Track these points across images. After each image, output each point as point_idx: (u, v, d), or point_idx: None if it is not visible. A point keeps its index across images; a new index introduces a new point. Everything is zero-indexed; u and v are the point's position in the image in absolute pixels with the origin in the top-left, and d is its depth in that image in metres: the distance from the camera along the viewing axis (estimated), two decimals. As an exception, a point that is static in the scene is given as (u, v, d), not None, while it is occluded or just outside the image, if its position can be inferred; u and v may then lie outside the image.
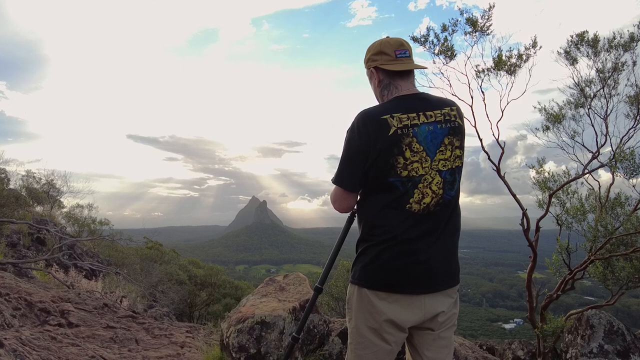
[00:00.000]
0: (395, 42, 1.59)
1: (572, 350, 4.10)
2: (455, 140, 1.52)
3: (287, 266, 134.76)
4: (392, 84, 1.59)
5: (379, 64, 1.59)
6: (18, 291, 3.88)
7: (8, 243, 6.92)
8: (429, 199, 1.48)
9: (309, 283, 3.46)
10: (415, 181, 1.46)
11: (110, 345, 3.41)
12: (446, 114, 1.52)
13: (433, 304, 1.51)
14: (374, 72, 1.61)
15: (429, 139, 1.48)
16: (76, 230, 11.10)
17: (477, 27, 4.57)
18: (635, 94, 4.48)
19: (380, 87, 1.62)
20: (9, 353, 2.32)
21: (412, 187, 1.47)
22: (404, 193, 1.47)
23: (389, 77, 1.59)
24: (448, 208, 1.52)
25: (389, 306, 1.49)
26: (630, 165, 4.09)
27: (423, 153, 1.47)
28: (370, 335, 1.53)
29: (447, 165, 1.50)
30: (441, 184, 1.49)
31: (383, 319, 1.50)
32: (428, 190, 1.47)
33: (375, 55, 1.61)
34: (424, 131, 1.48)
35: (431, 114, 1.51)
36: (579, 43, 4.67)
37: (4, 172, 11.33)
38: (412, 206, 1.47)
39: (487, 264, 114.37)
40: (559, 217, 4.69)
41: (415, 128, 1.47)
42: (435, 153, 1.48)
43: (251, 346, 2.76)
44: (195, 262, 14.86)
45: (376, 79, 1.62)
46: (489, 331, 45.13)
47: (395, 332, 1.53)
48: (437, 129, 1.50)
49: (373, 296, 1.51)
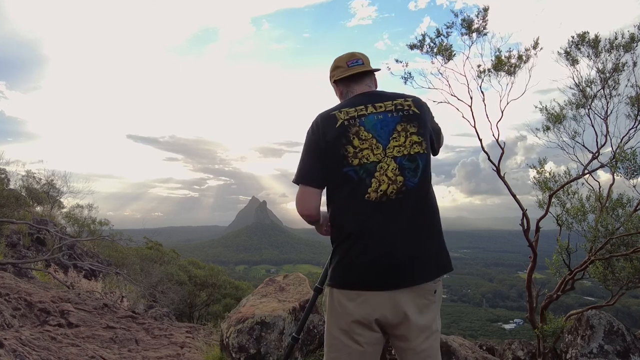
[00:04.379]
0: (346, 55, 1.75)
1: (572, 351, 4.10)
2: (410, 127, 1.54)
3: (287, 266, 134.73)
4: (349, 90, 1.71)
5: (336, 77, 1.73)
6: (18, 291, 3.88)
7: (8, 243, 6.91)
8: (385, 186, 1.48)
9: (309, 283, 3.46)
10: (368, 169, 1.49)
11: (110, 346, 3.40)
12: (398, 104, 1.58)
13: (402, 302, 1.46)
14: (335, 86, 1.78)
15: (378, 126, 1.53)
16: (76, 231, 11.09)
17: (472, 28, 4.56)
18: (635, 95, 4.48)
19: (342, 97, 1.75)
20: (9, 353, 2.32)
21: (366, 176, 1.49)
22: (358, 182, 1.49)
23: (346, 85, 1.73)
24: (413, 196, 1.50)
25: (357, 307, 1.47)
26: (630, 166, 4.08)
27: (373, 140, 1.51)
28: (342, 336, 1.51)
29: (402, 152, 1.52)
30: (397, 170, 1.50)
31: (351, 319, 1.48)
32: (384, 178, 1.49)
33: (333, 71, 1.76)
34: (372, 120, 1.54)
35: (380, 104, 1.58)
36: (579, 43, 4.67)
37: (4, 173, 11.33)
38: (370, 195, 1.48)
39: (487, 264, 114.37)
40: (559, 217, 4.68)
41: (362, 118, 1.54)
42: (388, 140, 1.52)
43: (251, 346, 2.76)
44: (195, 262, 14.85)
45: (338, 92, 1.77)
46: (489, 331, 45.13)
47: (365, 332, 1.50)
48: (388, 117, 1.55)
49: (342, 297, 1.50)
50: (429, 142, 1.60)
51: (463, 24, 4.58)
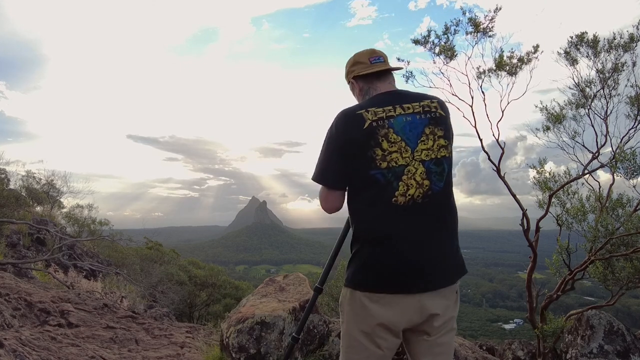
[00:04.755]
0: (367, 51, 1.69)
1: (572, 351, 4.10)
2: (438, 130, 1.52)
3: (287, 266, 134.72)
4: (371, 87, 1.65)
5: (356, 73, 1.67)
6: (18, 291, 3.88)
7: (8, 243, 6.91)
8: (413, 190, 1.46)
9: (309, 283, 3.46)
10: (396, 172, 1.45)
11: (110, 346, 3.40)
12: (425, 106, 1.54)
13: (428, 304, 1.47)
14: (354, 83, 1.69)
15: (407, 129, 1.49)
16: (76, 231, 11.09)
17: (479, 28, 4.56)
18: (635, 95, 4.48)
19: (362, 94, 1.68)
20: (9, 353, 2.32)
21: (394, 179, 1.45)
22: (386, 185, 1.45)
23: (367, 82, 1.66)
24: (439, 200, 1.50)
25: (382, 309, 1.45)
26: (630, 166, 4.08)
27: (402, 143, 1.47)
28: (363, 339, 1.50)
29: (430, 155, 1.49)
30: (425, 174, 1.47)
31: (376, 322, 1.47)
32: (412, 182, 1.46)
33: (352, 66, 1.70)
34: (400, 122, 1.49)
35: (408, 106, 1.53)
36: (578, 44, 4.67)
37: (4, 173, 11.33)
38: (398, 199, 1.45)
39: (487, 264, 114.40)
40: (559, 217, 4.69)
41: (391, 119, 1.49)
42: (416, 143, 1.48)
43: (251, 346, 2.76)
44: (195, 262, 14.84)
45: (357, 88, 1.69)
46: (489, 331, 45.13)
47: (389, 337, 1.49)
48: (416, 119, 1.51)
49: (365, 299, 1.47)
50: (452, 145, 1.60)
51: (470, 22, 4.58)
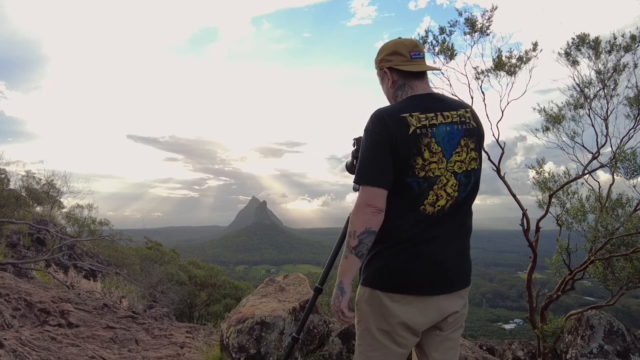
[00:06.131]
0: (409, 42, 1.58)
1: (572, 351, 4.10)
2: (470, 142, 1.50)
3: (287, 266, 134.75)
4: (407, 84, 1.57)
5: (394, 65, 1.56)
6: (18, 291, 3.88)
7: (8, 243, 6.91)
8: (443, 202, 1.45)
9: (309, 283, 3.46)
10: (430, 182, 1.44)
11: (110, 346, 3.40)
12: (461, 115, 1.51)
13: (447, 305, 1.51)
14: (388, 73, 1.59)
15: (446, 139, 1.46)
16: (76, 231, 11.09)
17: (475, 27, 4.56)
18: (635, 95, 4.48)
19: (394, 88, 1.59)
20: (9, 353, 2.32)
21: (427, 188, 1.44)
22: (419, 194, 1.44)
23: (403, 77, 1.57)
24: (461, 208, 1.51)
25: (402, 308, 1.47)
26: (630, 166, 4.09)
27: (441, 154, 1.44)
28: (382, 337, 1.51)
29: (462, 167, 1.48)
30: (456, 187, 1.47)
31: (397, 321, 1.48)
32: (443, 193, 1.45)
33: (390, 55, 1.58)
34: (441, 131, 1.45)
35: (448, 114, 1.49)
36: (579, 45, 4.67)
37: (4, 173, 11.33)
38: (426, 208, 1.45)
39: (487, 264, 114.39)
40: (559, 217, 4.69)
41: (433, 128, 1.45)
42: (451, 154, 1.46)
43: (251, 346, 2.76)
44: (195, 262, 14.86)
45: (390, 80, 1.59)
46: (489, 331, 45.09)
47: (408, 335, 1.51)
48: (454, 129, 1.48)
49: (386, 298, 1.48)
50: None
51: (467, 23, 4.59)
